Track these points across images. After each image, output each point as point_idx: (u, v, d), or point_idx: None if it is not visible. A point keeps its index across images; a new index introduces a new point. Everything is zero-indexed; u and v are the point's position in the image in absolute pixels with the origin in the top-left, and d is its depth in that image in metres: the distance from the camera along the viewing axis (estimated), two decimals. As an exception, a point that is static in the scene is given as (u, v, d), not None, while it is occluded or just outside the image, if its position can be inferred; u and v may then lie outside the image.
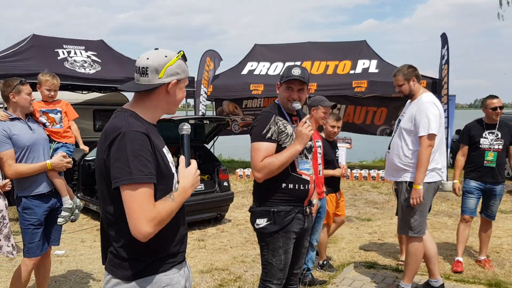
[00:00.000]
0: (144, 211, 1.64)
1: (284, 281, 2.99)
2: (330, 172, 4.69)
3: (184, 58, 1.89)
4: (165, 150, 1.88)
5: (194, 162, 1.91)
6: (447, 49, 9.98)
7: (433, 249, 4.09)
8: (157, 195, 1.75)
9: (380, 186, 10.35)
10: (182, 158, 1.87)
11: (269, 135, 2.82)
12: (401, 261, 4.94)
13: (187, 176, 1.84)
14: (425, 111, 3.85)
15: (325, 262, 4.87)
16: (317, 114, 4.37)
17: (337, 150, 4.97)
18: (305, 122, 2.83)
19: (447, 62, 9.85)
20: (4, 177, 3.58)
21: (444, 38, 10.35)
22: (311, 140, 2.96)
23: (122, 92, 11.57)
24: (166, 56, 1.82)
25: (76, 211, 3.83)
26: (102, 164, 1.75)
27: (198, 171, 1.91)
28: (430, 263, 4.13)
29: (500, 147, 4.85)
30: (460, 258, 4.97)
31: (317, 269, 4.81)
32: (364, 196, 9.32)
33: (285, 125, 2.88)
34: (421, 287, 4.26)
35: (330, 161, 4.72)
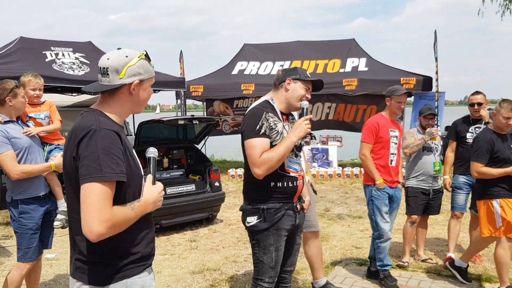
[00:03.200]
0: (100, 210, 1.61)
1: (276, 279, 2.99)
2: (501, 170, 4.07)
3: (147, 58, 1.87)
4: (134, 152, 1.88)
5: (160, 184, 1.90)
6: (436, 46, 10.05)
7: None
8: (127, 195, 1.75)
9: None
10: (149, 177, 1.87)
11: (262, 130, 2.81)
12: (403, 261, 4.96)
13: (151, 191, 1.84)
14: None
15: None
16: (392, 104, 4.41)
17: None
18: (307, 119, 2.85)
19: (436, 59, 9.93)
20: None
21: (435, 35, 10.41)
22: (304, 137, 2.97)
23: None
24: (127, 56, 1.81)
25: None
26: (70, 164, 1.73)
27: (163, 193, 1.91)
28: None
29: None
30: (452, 254, 5.00)
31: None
32: (355, 194, 9.35)
33: (275, 122, 2.88)
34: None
35: (503, 159, 4.09)
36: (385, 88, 12.36)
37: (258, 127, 2.81)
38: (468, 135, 4.95)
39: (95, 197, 1.61)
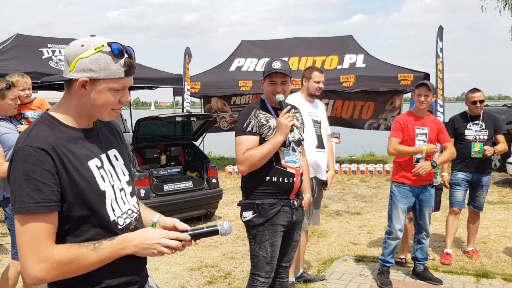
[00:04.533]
0: (33, 249, 1.33)
1: (273, 274, 3.01)
2: None
3: (115, 54, 1.46)
4: (94, 162, 1.50)
5: (169, 232, 1.51)
6: (436, 43, 10.00)
7: None
8: (78, 220, 1.44)
9: (368, 180, 10.41)
10: (170, 221, 1.65)
11: (249, 128, 2.87)
12: (401, 258, 4.97)
13: (147, 235, 1.46)
14: None
15: None
16: (415, 99, 4.32)
17: None
18: (285, 113, 2.86)
19: (437, 55, 9.90)
20: None
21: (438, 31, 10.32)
22: (294, 132, 2.96)
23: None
24: (82, 46, 1.45)
25: None
26: None
27: (169, 242, 1.49)
28: None
29: (485, 137, 4.90)
30: (449, 250, 5.02)
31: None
32: (353, 190, 9.36)
33: (267, 118, 2.92)
34: None
35: None
36: (382, 85, 12.41)
37: (245, 125, 2.88)
38: (467, 132, 4.95)
39: (24, 233, 1.34)
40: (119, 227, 1.53)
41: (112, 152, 1.60)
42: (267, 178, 2.88)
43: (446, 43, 9.99)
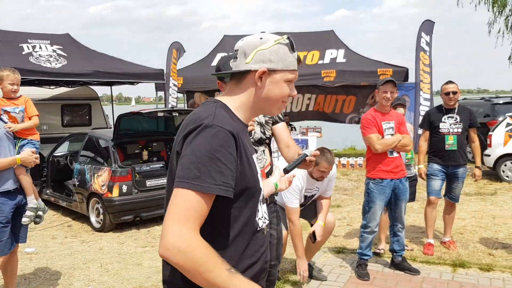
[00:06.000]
0: (183, 223, 1.26)
1: None
2: None
3: (290, 46, 1.49)
4: (255, 158, 1.52)
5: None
6: (419, 37, 10.13)
7: None
8: (243, 213, 1.41)
9: (349, 174, 10.54)
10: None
11: None
12: (379, 249, 5.09)
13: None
14: None
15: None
16: (379, 96, 4.37)
17: None
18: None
19: (421, 49, 10.03)
20: None
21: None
22: (262, 131, 2.99)
23: (91, 86, 11.42)
24: (261, 39, 1.48)
25: (40, 213, 3.80)
26: (173, 159, 1.42)
27: None
28: None
29: (459, 130, 5.00)
30: (431, 241, 5.15)
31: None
32: (335, 183, 9.45)
33: None
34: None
35: None
36: (363, 79, 12.56)
37: None
38: (441, 125, 5.06)
39: (183, 206, 1.27)
40: (258, 228, 1.50)
41: (255, 155, 1.57)
42: None
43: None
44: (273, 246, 3.19)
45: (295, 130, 12.38)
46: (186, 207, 1.27)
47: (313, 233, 4.05)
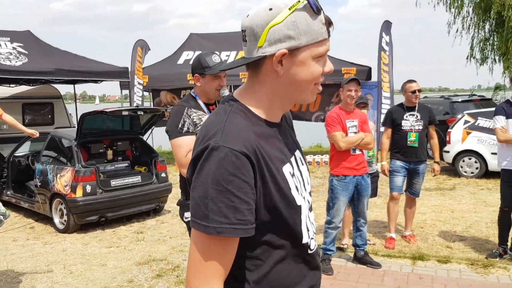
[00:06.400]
0: (202, 278, 1.08)
1: None
2: None
3: (312, 9, 1.11)
4: (287, 168, 1.19)
5: None
6: (381, 37, 10.37)
7: None
8: (273, 244, 1.17)
9: (315, 171, 10.70)
10: None
11: (185, 128, 2.74)
12: (342, 244, 5.21)
13: None
14: None
15: None
16: (344, 94, 4.47)
17: None
18: None
19: (382, 49, 10.27)
20: None
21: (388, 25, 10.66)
22: None
23: (53, 85, 11.16)
24: (271, 9, 1.11)
25: (1, 217, 3.72)
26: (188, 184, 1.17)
27: None
28: None
29: (420, 127, 5.18)
30: (393, 235, 5.31)
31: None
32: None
33: (200, 116, 2.82)
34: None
35: None
36: (328, 78, 12.74)
37: (180, 125, 2.74)
38: (403, 122, 5.22)
39: (199, 255, 1.07)
40: (310, 251, 1.25)
41: (298, 154, 1.29)
42: None
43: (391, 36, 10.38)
44: None
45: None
46: (203, 257, 1.06)
47: None
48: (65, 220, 6.21)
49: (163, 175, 6.93)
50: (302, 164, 1.30)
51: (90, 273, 4.67)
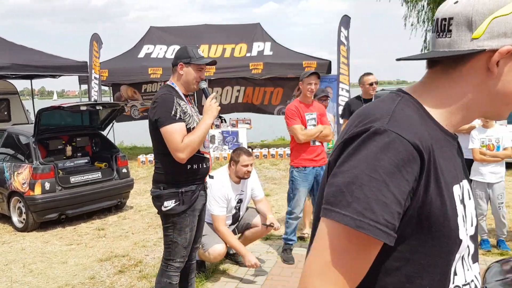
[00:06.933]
0: (326, 282, 0.86)
1: (187, 258, 3.11)
2: None
3: None
4: (456, 190, 0.95)
5: None
6: (340, 31, 10.55)
7: None
8: (424, 272, 0.92)
9: (278, 163, 10.85)
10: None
11: (178, 115, 2.84)
12: (303, 233, 5.34)
13: None
14: None
15: None
16: (304, 88, 4.53)
17: None
18: (213, 98, 2.97)
19: (341, 43, 10.46)
20: None
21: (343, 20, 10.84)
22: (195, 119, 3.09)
23: (9, 80, 10.81)
24: None
25: None
26: (325, 171, 1.01)
27: None
28: None
29: None
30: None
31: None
32: (264, 174, 9.72)
33: (185, 105, 2.93)
34: None
35: None
36: (289, 71, 12.90)
37: (173, 112, 2.82)
38: None
39: (329, 253, 0.87)
40: None
41: (467, 185, 1.02)
42: (188, 166, 2.93)
43: (351, 30, 10.56)
44: (201, 230, 3.30)
45: (225, 122, 12.50)
46: (334, 257, 0.86)
47: (270, 224, 4.29)
48: (23, 219, 6.08)
49: (124, 170, 6.88)
50: (469, 199, 1.01)
51: (50, 271, 4.61)
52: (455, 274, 0.97)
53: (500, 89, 0.94)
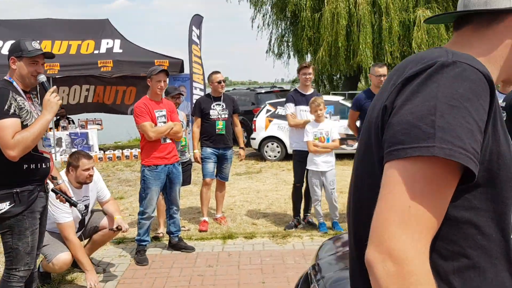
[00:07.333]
0: (408, 229, 0.78)
1: (33, 265, 2.94)
2: None
3: None
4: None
5: None
6: (191, 30, 10.68)
7: None
8: (484, 227, 0.87)
9: (133, 164, 10.59)
10: None
11: (12, 110, 2.69)
12: (158, 233, 5.33)
13: None
14: None
15: None
16: (153, 85, 4.49)
17: None
18: (53, 92, 2.84)
19: (193, 42, 10.58)
20: None
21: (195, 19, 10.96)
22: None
23: None
24: None
25: None
26: (375, 121, 0.92)
27: None
28: None
29: (226, 116, 5.61)
30: (206, 218, 5.65)
31: None
32: (118, 176, 9.41)
33: (23, 101, 2.80)
34: None
35: None
36: (141, 70, 12.67)
37: (6, 107, 2.68)
38: (211, 112, 5.56)
39: (409, 195, 0.79)
40: None
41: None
42: (25, 166, 2.78)
43: (204, 31, 10.78)
44: (42, 235, 3.13)
45: (74, 123, 11.77)
46: (416, 198, 0.78)
47: (117, 227, 4.10)
48: None
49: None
50: None
51: None
52: None
53: None
